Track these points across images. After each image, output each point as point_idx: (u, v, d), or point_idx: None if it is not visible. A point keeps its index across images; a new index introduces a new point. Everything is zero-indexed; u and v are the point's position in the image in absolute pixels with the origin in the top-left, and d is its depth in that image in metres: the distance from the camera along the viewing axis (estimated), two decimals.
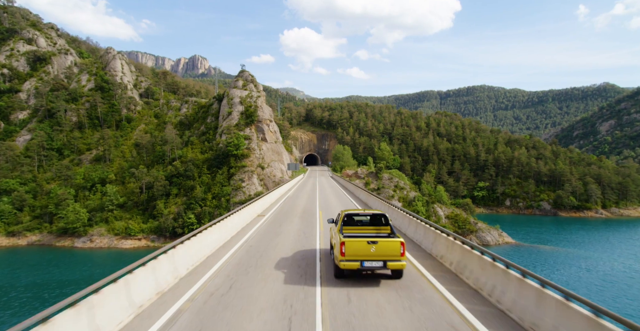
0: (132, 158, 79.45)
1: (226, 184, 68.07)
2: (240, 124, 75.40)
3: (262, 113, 77.54)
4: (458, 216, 64.62)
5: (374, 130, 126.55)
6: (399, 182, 72.59)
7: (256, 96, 79.36)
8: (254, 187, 67.73)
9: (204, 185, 68.88)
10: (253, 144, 73.40)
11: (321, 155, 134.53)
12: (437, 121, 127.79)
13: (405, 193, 70.28)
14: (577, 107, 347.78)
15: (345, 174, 78.60)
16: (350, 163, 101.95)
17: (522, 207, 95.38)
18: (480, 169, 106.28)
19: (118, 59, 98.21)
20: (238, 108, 77.36)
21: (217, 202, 66.10)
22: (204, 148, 75.37)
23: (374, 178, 75.04)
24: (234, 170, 69.30)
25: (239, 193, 66.55)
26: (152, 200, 67.26)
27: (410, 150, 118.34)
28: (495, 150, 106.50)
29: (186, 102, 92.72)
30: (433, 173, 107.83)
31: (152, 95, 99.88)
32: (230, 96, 79.09)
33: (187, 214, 64.14)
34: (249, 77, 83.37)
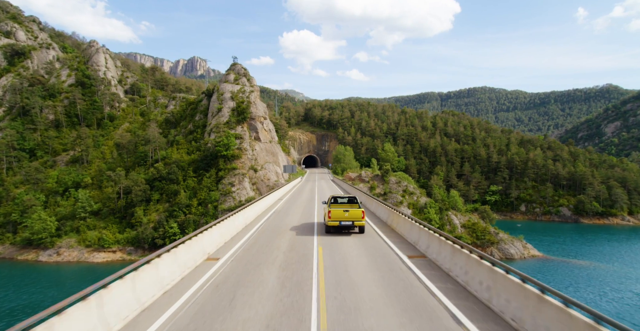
0: (112, 159, 71.99)
1: (214, 189, 60.55)
2: (231, 122, 68.00)
3: (256, 109, 70.17)
4: (476, 225, 57.09)
5: (377, 130, 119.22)
6: (407, 186, 65.08)
7: (249, 91, 72.02)
8: (245, 192, 60.22)
9: (189, 189, 61.36)
10: (245, 144, 65.98)
11: (321, 157, 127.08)
12: (444, 120, 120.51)
13: (416, 198, 62.75)
14: (579, 109, 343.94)
15: (348, 177, 71.10)
16: (353, 165, 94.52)
17: (539, 213, 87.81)
18: (492, 172, 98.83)
19: (102, 53, 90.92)
20: (229, 104, 70.00)
21: (204, 208, 58.56)
22: (190, 149, 67.92)
23: (380, 181, 67.54)
24: (223, 173, 61.82)
25: (228, 199, 59.02)
26: (131, 206, 59.69)
27: (415, 151, 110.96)
28: (508, 152, 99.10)
29: (173, 98, 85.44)
30: (441, 176, 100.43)
31: (138, 91, 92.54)
32: (221, 91, 71.75)
33: (169, 223, 56.58)
34: (241, 70, 76.06)
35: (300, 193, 38.13)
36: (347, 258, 10.66)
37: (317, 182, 60.34)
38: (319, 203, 26.81)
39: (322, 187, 46.36)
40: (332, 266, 9.72)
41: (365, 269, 9.47)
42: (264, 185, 63.02)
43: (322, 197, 32.58)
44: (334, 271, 9.19)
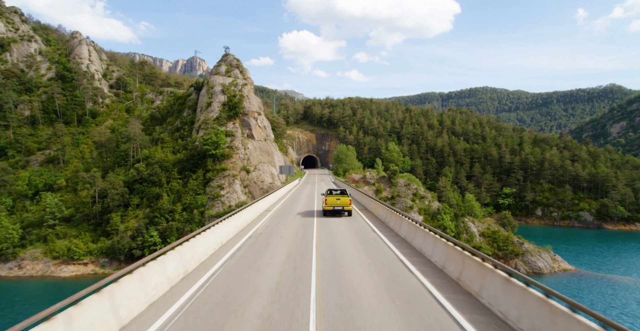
0: (91, 159, 65.35)
1: (201, 192, 53.88)
2: (222, 117, 61.37)
3: (249, 104, 63.54)
4: (496, 234, 50.37)
5: (381, 128, 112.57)
6: (417, 189, 58.40)
7: (242, 84, 65.37)
8: (236, 196, 53.55)
9: (173, 193, 54.68)
10: (236, 142, 59.35)
11: (321, 157, 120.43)
12: (451, 118, 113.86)
13: (427, 203, 56.07)
14: (583, 109, 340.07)
15: (351, 179, 64.45)
16: (355, 166, 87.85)
17: (557, 218, 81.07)
18: (505, 173, 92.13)
19: (85, 45, 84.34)
20: (219, 98, 63.38)
21: (189, 214, 51.90)
22: (176, 147, 61.26)
23: (387, 184, 60.86)
24: (212, 175, 55.15)
25: (217, 203, 52.35)
26: (107, 212, 53.01)
27: (422, 151, 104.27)
28: (522, 151, 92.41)
29: (160, 93, 78.90)
30: (450, 177, 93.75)
31: (124, 86, 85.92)
32: (211, 84, 65.13)
33: (149, 231, 49.90)
34: (233, 61, 69.41)
35: (296, 200, 31.62)
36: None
37: (316, 185, 53.78)
38: (321, 217, 20.29)
39: (323, 191, 40.11)
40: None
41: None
42: (257, 188, 56.35)
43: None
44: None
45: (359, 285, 8.13)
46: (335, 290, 7.77)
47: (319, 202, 25.81)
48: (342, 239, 13.91)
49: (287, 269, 9.57)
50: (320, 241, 13.47)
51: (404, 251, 11.44)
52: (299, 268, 9.61)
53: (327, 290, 7.76)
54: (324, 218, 19.16)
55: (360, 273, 9.08)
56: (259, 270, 9.51)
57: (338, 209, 19.61)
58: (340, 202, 19.54)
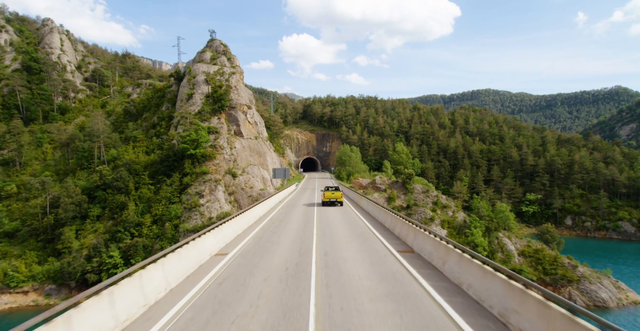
0: (53, 161, 55.71)
1: (176, 200, 44.15)
2: (205, 111, 51.82)
3: (237, 96, 54.02)
4: (540, 253, 40.48)
5: (387, 128, 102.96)
6: (439, 197, 48.61)
7: (229, 73, 55.86)
8: (218, 205, 43.82)
9: (143, 201, 44.96)
10: (221, 140, 49.75)
11: (321, 159, 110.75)
12: (464, 117, 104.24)
13: (451, 214, 46.26)
14: (588, 111, 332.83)
15: (357, 184, 54.72)
16: (360, 169, 78.09)
17: (590, 228, 71.11)
18: (528, 177, 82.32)
19: (57, 33, 75.05)
20: (202, 89, 53.89)
21: (160, 228, 42.15)
22: (150, 147, 51.64)
23: (400, 190, 51.09)
24: (190, 179, 45.48)
25: (194, 214, 42.62)
26: (61, 225, 43.24)
27: (433, 153, 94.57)
28: (546, 153, 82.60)
29: (138, 85, 69.47)
30: (465, 181, 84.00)
31: (101, 80, 76.47)
32: (193, 73, 55.66)
33: (108, 249, 40.11)
34: (219, 47, 59.93)
35: (290, 214, 22.35)
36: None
37: (317, 192, 44.14)
38: (323, 255, 10.89)
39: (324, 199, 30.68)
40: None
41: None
42: (245, 195, 46.59)
43: (327, 230, 17.02)
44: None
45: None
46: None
47: (322, 218, 20.82)
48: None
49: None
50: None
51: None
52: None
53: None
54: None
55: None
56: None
57: (332, 201, 26.66)
58: (334, 196, 26.80)
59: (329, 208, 25.29)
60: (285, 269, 9.78)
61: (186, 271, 9.26)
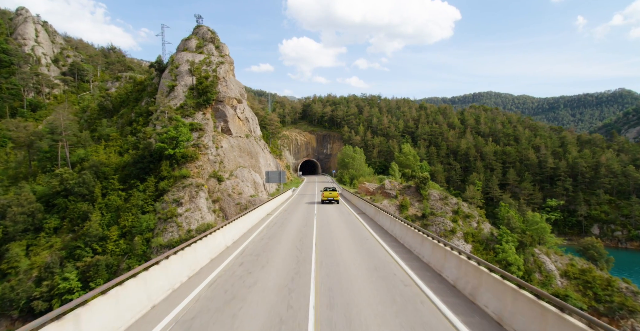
0: (15, 164, 48.71)
1: (149, 209, 37.09)
2: (187, 106, 44.93)
3: (226, 88, 47.15)
4: (588, 274, 33.32)
5: (392, 128, 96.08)
6: (459, 204, 41.55)
7: (217, 62, 49.04)
8: (199, 215, 36.77)
9: (110, 210, 37.88)
10: (206, 138, 42.81)
11: (322, 162, 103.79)
12: (474, 116, 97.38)
13: (476, 225, 39.15)
14: (591, 114, 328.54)
15: (364, 189, 47.70)
16: (365, 172, 71.13)
17: (621, 238, 63.97)
18: (548, 181, 75.28)
19: (31, 23, 68.41)
20: (186, 80, 47.06)
21: (128, 243, 35.05)
22: (125, 146, 44.65)
23: (414, 196, 44.02)
24: (166, 184, 38.45)
25: (170, 226, 35.55)
26: (8, 240, 36.11)
27: (442, 154, 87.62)
28: (567, 154, 75.61)
29: (118, 78, 62.75)
30: (479, 185, 76.91)
31: (80, 74, 69.67)
32: (176, 62, 48.86)
33: (64, 269, 33.00)
34: (207, 34, 53.15)
35: (280, 234, 15.42)
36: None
37: (317, 199, 37.24)
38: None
39: (327, 214, 23.37)
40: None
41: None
42: (232, 202, 39.52)
43: (331, 266, 9.57)
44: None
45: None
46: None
47: (325, 254, 13.13)
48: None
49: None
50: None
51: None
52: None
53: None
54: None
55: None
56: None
57: (330, 199, 31.92)
58: (332, 195, 32.15)
59: (336, 230, 17.54)
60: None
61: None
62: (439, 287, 8.55)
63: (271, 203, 29.13)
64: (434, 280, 9.18)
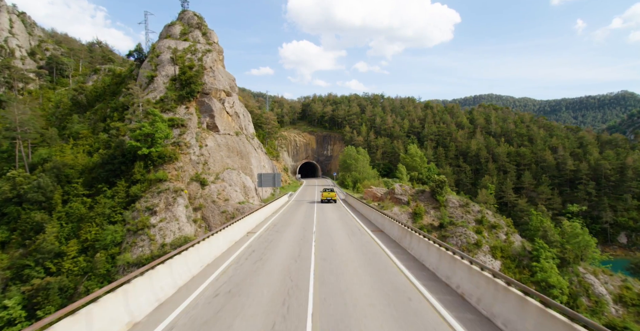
0: None
1: (117, 219, 31.15)
2: (168, 99, 39.15)
3: (213, 79, 41.39)
4: None
5: (397, 128, 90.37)
6: (483, 213, 35.64)
7: (204, 50, 43.34)
8: (177, 226, 30.87)
9: (72, 220, 31.93)
10: (188, 135, 37.00)
11: (322, 164, 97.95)
12: (485, 116, 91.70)
13: (504, 237, 33.22)
14: (594, 116, 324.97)
15: (370, 194, 41.84)
16: (369, 175, 65.37)
17: None
18: (568, 184, 69.45)
19: (5, 12, 62.83)
20: (167, 70, 41.33)
21: (89, 260, 29.08)
22: (95, 145, 38.79)
23: (429, 202, 38.12)
24: (139, 189, 32.56)
25: (141, 240, 29.63)
26: None
27: (451, 156, 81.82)
28: (588, 156, 69.81)
29: (96, 71, 57.08)
30: (491, 189, 71.09)
31: (60, 69, 63.98)
32: (157, 51, 43.15)
33: (6, 295, 27.03)
34: (192, 19, 47.43)
35: (272, 253, 9.96)
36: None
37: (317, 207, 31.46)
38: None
39: (335, 240, 16.49)
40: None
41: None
42: (217, 210, 33.58)
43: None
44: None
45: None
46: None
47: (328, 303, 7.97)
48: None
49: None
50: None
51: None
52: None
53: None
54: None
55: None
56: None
57: (328, 199, 35.40)
58: (330, 195, 35.75)
59: (346, 271, 11.24)
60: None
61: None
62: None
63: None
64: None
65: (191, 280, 9.69)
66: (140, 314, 7.19)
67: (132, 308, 7.02)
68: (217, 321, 6.94)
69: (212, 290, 8.91)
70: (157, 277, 8.16)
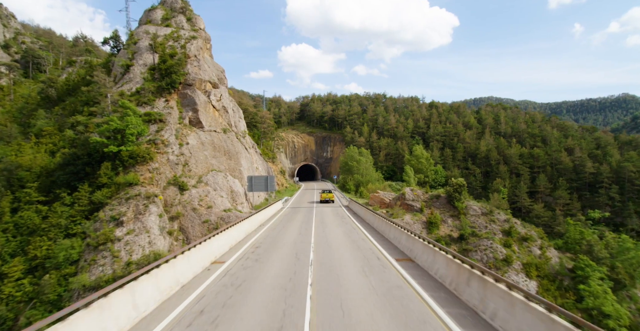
0: None
1: (76, 230, 25.87)
2: (146, 91, 34.05)
3: (197, 69, 36.32)
4: None
5: (400, 128, 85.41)
6: (511, 222, 30.47)
7: (188, 37, 38.32)
8: (147, 239, 25.63)
9: (22, 233, 26.60)
10: (167, 132, 31.84)
11: (321, 166, 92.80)
12: (493, 116, 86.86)
13: (539, 252, 28.01)
14: (595, 119, 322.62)
15: (377, 200, 36.68)
16: (373, 177, 60.22)
17: None
18: (587, 188, 64.38)
19: None
20: (145, 58, 36.27)
21: (36, 283, 23.75)
22: (60, 144, 33.58)
23: (445, 209, 32.94)
24: (104, 195, 27.33)
25: (103, 257, 24.37)
26: None
27: (458, 158, 76.80)
28: (609, 157, 64.86)
29: (71, 63, 52.01)
30: (504, 193, 66.04)
31: (37, 63, 58.91)
32: (135, 38, 38.09)
33: None
34: (176, 2, 42.38)
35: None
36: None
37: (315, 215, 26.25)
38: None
39: (341, 274, 11.17)
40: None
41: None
42: (198, 220, 28.35)
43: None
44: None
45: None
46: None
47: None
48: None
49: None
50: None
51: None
52: None
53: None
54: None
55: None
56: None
57: (327, 200, 38.05)
58: (328, 196, 38.44)
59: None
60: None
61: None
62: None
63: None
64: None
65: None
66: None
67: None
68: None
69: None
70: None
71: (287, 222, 24.80)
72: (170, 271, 9.35)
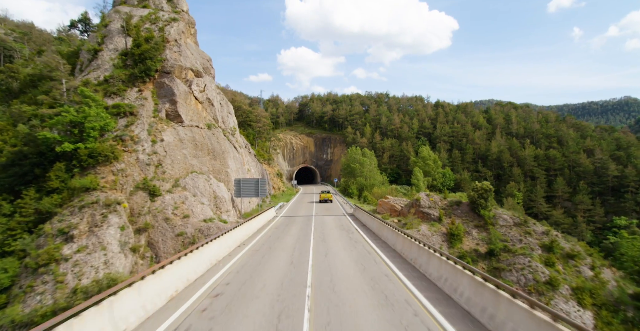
0: None
1: (13, 247, 20.57)
2: (115, 79, 28.95)
3: (177, 55, 31.29)
4: None
5: (405, 128, 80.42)
6: (551, 234, 25.25)
7: (167, 19, 33.39)
8: (102, 258, 20.32)
9: None
10: (137, 127, 26.71)
11: (321, 169, 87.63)
12: (504, 115, 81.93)
13: (590, 273, 22.74)
14: (597, 122, 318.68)
15: (387, 206, 31.48)
16: (377, 181, 55.09)
17: None
18: (610, 192, 59.29)
19: None
20: (117, 42, 31.24)
21: None
22: (12, 141, 28.37)
23: (468, 218, 27.74)
24: (54, 202, 22.09)
25: (43, 282, 18.97)
26: None
27: (468, 160, 71.74)
28: (634, 159, 59.86)
29: (40, 52, 46.94)
30: (518, 198, 60.98)
31: (9, 55, 53.85)
32: (106, 20, 33.09)
33: None
34: None
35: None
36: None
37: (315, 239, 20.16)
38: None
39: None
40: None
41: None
42: (171, 232, 23.11)
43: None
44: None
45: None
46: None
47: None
48: None
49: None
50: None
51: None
52: None
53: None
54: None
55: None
56: None
57: (325, 199, 41.79)
58: (326, 196, 42.06)
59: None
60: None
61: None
62: None
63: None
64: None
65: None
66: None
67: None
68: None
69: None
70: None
71: (276, 240, 19.32)
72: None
